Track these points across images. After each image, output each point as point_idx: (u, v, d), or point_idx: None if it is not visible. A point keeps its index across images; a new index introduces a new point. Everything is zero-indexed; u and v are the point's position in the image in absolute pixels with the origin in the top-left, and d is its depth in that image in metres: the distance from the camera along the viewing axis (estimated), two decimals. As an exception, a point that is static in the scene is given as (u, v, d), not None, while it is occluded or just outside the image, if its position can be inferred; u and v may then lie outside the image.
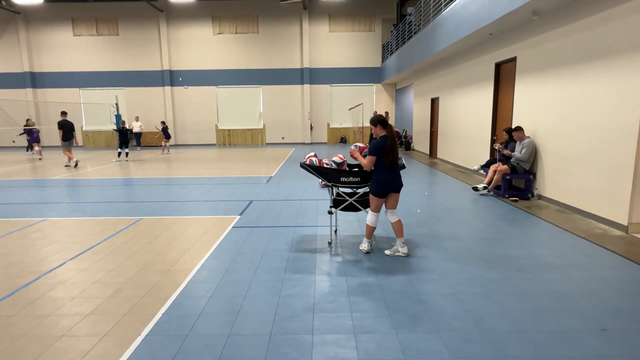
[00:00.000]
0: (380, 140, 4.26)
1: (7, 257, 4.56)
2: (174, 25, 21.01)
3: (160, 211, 6.72)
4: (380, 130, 4.32)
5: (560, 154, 6.62)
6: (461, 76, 11.24)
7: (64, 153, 13.18)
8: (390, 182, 4.30)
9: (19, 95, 21.39)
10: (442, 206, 6.87)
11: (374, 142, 4.27)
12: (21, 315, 3.21)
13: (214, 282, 3.82)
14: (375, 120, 4.36)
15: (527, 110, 7.65)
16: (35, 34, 21.21)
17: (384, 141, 4.23)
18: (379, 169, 4.29)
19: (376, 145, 4.23)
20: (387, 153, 4.21)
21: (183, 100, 21.76)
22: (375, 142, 4.26)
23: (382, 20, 20.98)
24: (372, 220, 4.46)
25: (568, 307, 3.26)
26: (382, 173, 4.28)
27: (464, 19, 8.74)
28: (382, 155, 4.23)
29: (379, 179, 4.30)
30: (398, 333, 2.89)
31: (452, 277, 3.86)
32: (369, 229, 4.50)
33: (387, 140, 4.24)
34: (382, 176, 4.28)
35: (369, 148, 4.30)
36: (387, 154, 4.22)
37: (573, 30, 6.24)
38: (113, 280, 3.89)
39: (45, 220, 6.22)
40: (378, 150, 4.22)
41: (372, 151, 4.24)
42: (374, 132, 4.38)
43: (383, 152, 4.21)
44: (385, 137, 4.27)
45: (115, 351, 2.71)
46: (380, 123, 4.33)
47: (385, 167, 4.27)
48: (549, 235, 5.22)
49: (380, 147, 4.21)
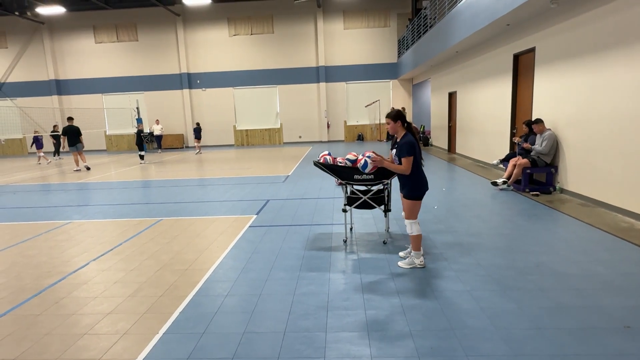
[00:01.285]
0: (410, 138, 3.85)
1: (35, 259, 4.75)
2: (190, 28, 21.36)
3: (179, 212, 6.86)
4: (400, 128, 3.92)
5: (583, 145, 6.41)
6: (479, 69, 11.02)
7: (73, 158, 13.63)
8: (426, 181, 3.99)
9: (45, 102, 22.19)
10: (460, 202, 6.77)
11: (406, 142, 3.83)
12: (46, 314, 3.35)
13: (230, 281, 3.88)
14: (396, 115, 3.91)
15: (547, 101, 7.44)
16: (59, 42, 21.94)
17: (413, 140, 3.85)
18: (416, 170, 3.89)
19: (410, 144, 3.81)
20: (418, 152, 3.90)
21: (201, 102, 22.11)
22: (407, 141, 3.82)
23: (398, 15, 20.75)
24: (418, 229, 3.97)
25: (589, 304, 3.17)
26: (419, 173, 3.91)
27: (480, 10, 8.56)
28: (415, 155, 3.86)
29: (418, 180, 3.91)
30: (412, 330, 2.87)
31: (468, 274, 3.81)
32: (419, 238, 4.00)
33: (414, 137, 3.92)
34: (420, 176, 3.92)
35: (404, 149, 3.81)
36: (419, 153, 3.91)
37: (593, 17, 6.03)
38: (133, 280, 4.00)
39: (69, 222, 6.44)
40: (415, 149, 3.83)
41: (409, 151, 3.79)
42: (392, 129, 3.96)
43: (415, 152, 3.85)
44: (410, 134, 3.91)
45: (135, 349, 2.79)
46: (401, 119, 3.93)
47: (418, 166, 3.90)
48: (571, 229, 5.07)
49: (414, 145, 3.82)
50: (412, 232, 3.95)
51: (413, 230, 3.95)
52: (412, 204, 3.93)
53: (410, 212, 3.95)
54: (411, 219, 3.96)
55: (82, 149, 13.47)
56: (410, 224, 3.96)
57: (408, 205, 3.95)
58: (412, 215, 3.95)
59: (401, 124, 3.92)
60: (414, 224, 3.95)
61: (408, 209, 3.96)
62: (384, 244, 4.75)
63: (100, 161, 16.82)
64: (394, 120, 3.91)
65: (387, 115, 3.98)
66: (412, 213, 3.95)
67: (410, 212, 3.95)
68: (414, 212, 3.95)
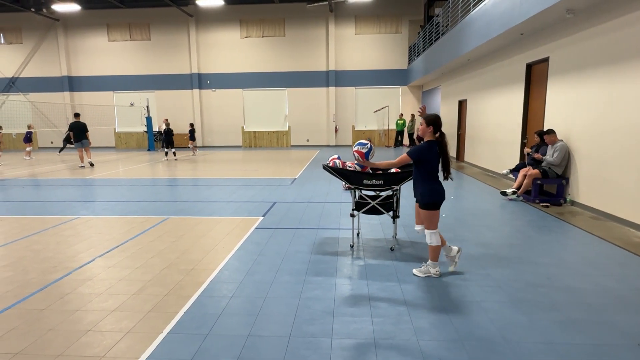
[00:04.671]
0: (428, 145, 3.76)
1: (42, 253, 4.76)
2: (203, 29, 21.50)
3: (185, 211, 6.85)
4: (429, 134, 3.78)
5: (596, 157, 6.32)
6: (490, 77, 10.95)
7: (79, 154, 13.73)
8: (442, 191, 3.87)
9: (57, 98, 22.42)
10: (469, 210, 6.70)
11: (421, 146, 3.79)
12: (51, 310, 3.34)
13: (236, 282, 3.85)
14: (431, 120, 3.75)
15: (560, 112, 7.36)
16: (72, 39, 22.19)
17: (428, 146, 3.75)
18: (431, 178, 3.81)
19: (421, 150, 3.75)
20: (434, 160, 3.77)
21: (210, 103, 22.22)
22: (422, 146, 3.78)
23: (409, 21, 20.74)
24: (438, 239, 3.87)
25: (601, 319, 3.09)
26: (432, 181, 3.81)
27: (493, 18, 8.51)
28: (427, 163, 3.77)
29: (430, 188, 3.81)
30: (419, 340, 2.82)
31: (477, 284, 3.74)
32: (438, 249, 3.91)
33: (436, 146, 3.77)
34: (433, 184, 3.82)
35: (412, 149, 3.80)
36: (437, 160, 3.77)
37: (610, 28, 5.95)
38: (138, 277, 3.99)
39: (77, 218, 6.46)
40: (419, 155, 3.75)
41: (414, 152, 3.77)
42: (422, 131, 3.81)
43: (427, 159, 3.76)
44: (432, 142, 3.78)
45: (138, 347, 2.76)
46: (434, 126, 3.76)
47: (433, 174, 3.81)
48: (581, 243, 4.98)
49: (424, 151, 3.74)
50: (432, 242, 3.86)
51: (432, 241, 3.86)
52: (429, 214, 3.83)
53: (428, 222, 3.86)
54: (430, 228, 3.86)
55: (88, 145, 13.59)
56: (429, 234, 3.86)
57: (425, 215, 3.86)
58: (431, 225, 3.85)
59: (432, 130, 3.77)
60: (434, 234, 3.85)
61: (426, 219, 3.86)
62: (392, 251, 4.70)
63: (109, 158, 16.93)
64: (427, 124, 3.77)
65: (424, 117, 3.83)
66: (431, 223, 3.85)
67: (428, 222, 3.86)
68: (432, 221, 3.84)
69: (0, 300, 3.53)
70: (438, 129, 3.80)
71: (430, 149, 3.76)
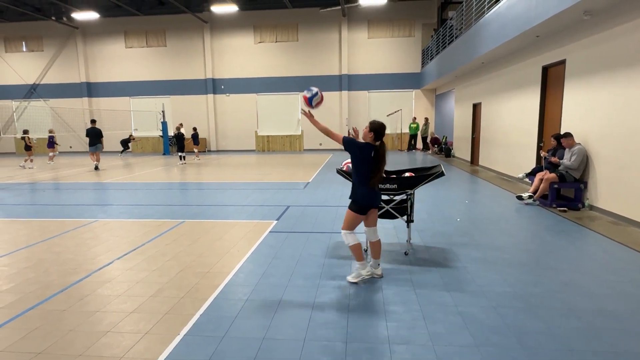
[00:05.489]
0: (362, 142, 3.77)
1: (62, 255, 4.88)
2: (217, 35, 21.80)
3: (201, 215, 6.94)
4: (369, 138, 3.77)
5: (615, 161, 6.19)
6: (505, 80, 10.83)
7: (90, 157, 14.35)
8: (374, 197, 3.84)
9: (76, 103, 22.98)
10: (484, 215, 6.62)
11: (359, 143, 3.76)
12: (71, 311, 3.42)
13: (251, 285, 3.88)
14: (374, 126, 3.76)
15: (578, 115, 7.24)
16: (91, 46, 22.75)
17: (363, 145, 3.74)
18: (362, 180, 3.78)
19: (356, 144, 3.73)
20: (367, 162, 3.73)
21: (225, 108, 22.47)
22: (359, 143, 3.77)
23: (423, 25, 20.67)
24: (353, 238, 3.88)
25: (623, 327, 3.02)
26: (360, 183, 3.79)
27: (508, 20, 8.43)
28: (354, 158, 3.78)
29: (356, 188, 3.82)
30: (434, 345, 2.80)
31: (493, 290, 3.70)
32: (356, 249, 3.88)
33: (372, 150, 3.75)
34: (359, 186, 3.80)
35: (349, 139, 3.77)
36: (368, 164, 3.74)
37: (628, 29, 5.85)
38: (156, 280, 4.05)
39: (96, 221, 6.61)
40: (350, 145, 3.72)
41: (345, 139, 3.76)
42: (364, 135, 3.82)
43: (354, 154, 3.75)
44: (371, 145, 3.77)
45: (156, 349, 2.81)
46: (375, 132, 3.75)
47: (362, 175, 3.77)
48: (601, 248, 4.88)
49: (352, 144, 3.73)
50: (347, 243, 3.89)
51: (347, 241, 3.89)
52: (347, 213, 3.89)
53: (344, 220, 3.92)
54: (343, 229, 3.92)
55: (100, 150, 14.34)
56: (343, 234, 3.92)
57: (346, 213, 3.91)
58: (344, 224, 3.91)
59: (373, 136, 3.77)
60: (347, 235, 3.88)
61: (345, 217, 3.91)
62: (406, 255, 4.68)
63: (125, 162, 17.25)
64: (370, 129, 3.77)
65: (370, 122, 3.82)
66: (345, 222, 3.90)
67: (344, 220, 3.92)
68: (346, 221, 3.89)
69: (24, 301, 3.63)
70: (378, 137, 3.79)
71: (363, 148, 3.74)
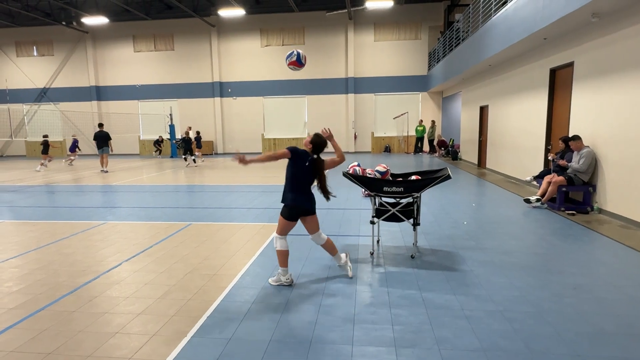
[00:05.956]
0: (302, 151, 3.83)
1: (71, 257, 4.94)
2: (224, 39, 21.97)
3: (207, 217, 6.98)
4: (309, 149, 3.89)
5: (625, 164, 6.13)
6: (512, 83, 10.78)
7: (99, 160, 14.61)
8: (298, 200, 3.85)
9: (85, 107, 23.25)
10: (491, 218, 6.58)
11: (302, 151, 3.84)
12: (81, 312, 3.46)
13: (257, 288, 3.90)
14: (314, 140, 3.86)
15: (586, 117, 7.18)
16: (100, 50, 23.03)
17: (302, 152, 3.81)
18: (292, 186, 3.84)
19: (298, 152, 3.80)
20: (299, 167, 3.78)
21: (231, 111, 22.60)
22: (301, 151, 3.84)
23: (429, 27, 20.64)
24: (281, 244, 3.87)
25: (633, 332, 2.99)
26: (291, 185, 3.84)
27: (515, 23, 8.40)
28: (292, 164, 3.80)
29: (291, 196, 3.86)
30: (441, 349, 2.79)
31: (500, 294, 3.68)
32: (281, 254, 3.86)
33: (307, 160, 3.81)
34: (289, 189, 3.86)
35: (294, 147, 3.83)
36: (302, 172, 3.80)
37: (637, 32, 5.80)
38: (163, 282, 4.09)
39: (105, 223, 6.67)
40: (295, 153, 3.76)
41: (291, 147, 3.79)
42: (305, 143, 3.92)
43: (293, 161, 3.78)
44: (308, 155, 3.84)
45: (163, 350, 2.83)
46: (315, 145, 3.84)
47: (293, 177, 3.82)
48: (610, 252, 4.83)
49: (297, 153, 3.78)
50: (275, 246, 3.94)
51: (275, 245, 3.93)
52: (279, 218, 3.93)
53: (278, 225, 3.95)
54: (275, 232, 3.97)
55: (108, 152, 14.58)
56: (274, 238, 4.00)
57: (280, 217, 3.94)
58: (277, 228, 3.95)
59: (311, 148, 3.88)
60: (277, 239, 3.93)
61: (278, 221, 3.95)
62: (412, 259, 4.66)
63: (133, 165, 17.40)
64: (310, 141, 3.89)
65: (313, 134, 3.92)
66: (278, 226, 3.94)
67: (278, 225, 3.95)
68: (278, 225, 3.93)
69: (34, 302, 3.68)
70: (316, 151, 3.89)
71: (302, 156, 3.82)
